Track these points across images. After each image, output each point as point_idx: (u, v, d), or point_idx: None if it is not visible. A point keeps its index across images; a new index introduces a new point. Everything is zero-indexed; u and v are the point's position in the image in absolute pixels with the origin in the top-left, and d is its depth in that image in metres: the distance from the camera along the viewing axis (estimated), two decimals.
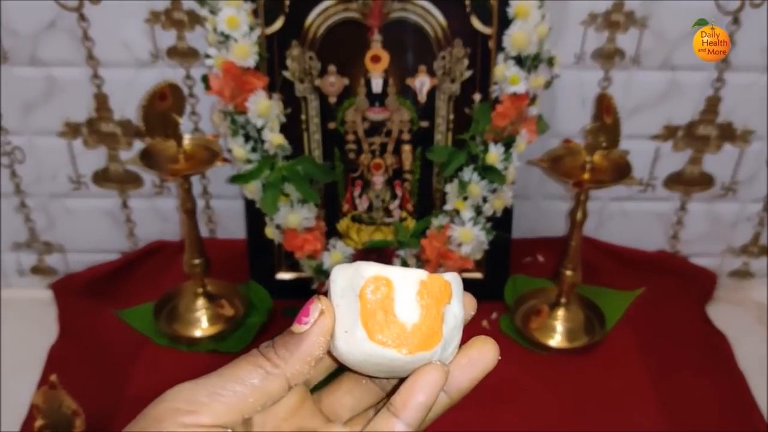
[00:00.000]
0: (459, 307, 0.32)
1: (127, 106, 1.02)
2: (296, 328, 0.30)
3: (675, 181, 1.09)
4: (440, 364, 0.31)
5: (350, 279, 0.31)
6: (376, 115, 0.95)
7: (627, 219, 1.13)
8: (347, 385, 0.34)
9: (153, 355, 0.97)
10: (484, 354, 0.32)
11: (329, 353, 0.32)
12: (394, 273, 0.31)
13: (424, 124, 0.95)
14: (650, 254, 1.14)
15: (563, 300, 0.99)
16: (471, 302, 0.33)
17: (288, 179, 0.92)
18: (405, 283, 0.31)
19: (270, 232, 0.99)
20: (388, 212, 1.02)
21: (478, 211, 0.94)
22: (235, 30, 0.84)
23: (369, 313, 0.30)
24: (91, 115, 1.02)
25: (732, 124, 1.03)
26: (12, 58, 0.97)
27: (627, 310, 1.02)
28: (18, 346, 1.04)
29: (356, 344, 0.30)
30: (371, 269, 0.31)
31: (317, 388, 0.34)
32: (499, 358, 0.34)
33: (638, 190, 1.10)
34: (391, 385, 0.34)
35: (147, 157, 0.91)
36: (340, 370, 0.34)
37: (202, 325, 1.00)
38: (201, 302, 1.01)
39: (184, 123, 0.97)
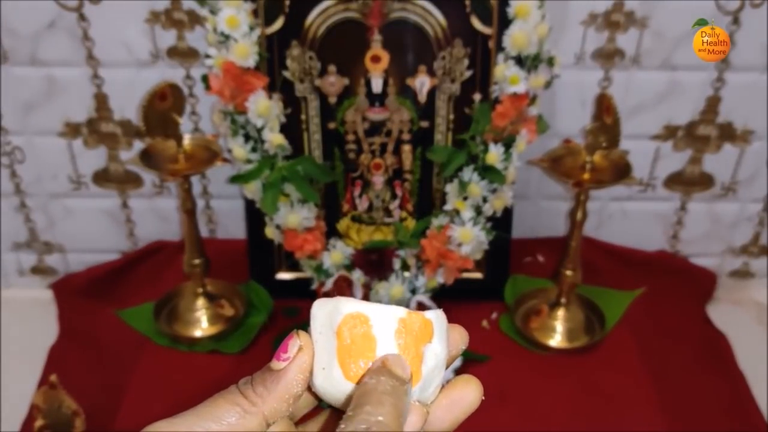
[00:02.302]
0: (441, 346, 0.31)
1: (127, 106, 1.02)
2: (275, 364, 0.30)
3: (675, 181, 1.09)
4: (419, 405, 0.30)
5: (329, 315, 0.31)
6: (376, 115, 0.95)
7: (627, 219, 1.13)
8: (334, 417, 0.32)
9: (153, 355, 0.97)
10: (467, 395, 0.31)
11: (308, 389, 0.31)
12: (372, 310, 0.30)
13: (424, 124, 0.95)
14: (650, 254, 1.14)
15: (563, 300, 0.99)
16: (462, 336, 0.32)
17: (288, 179, 0.92)
18: (383, 321, 0.30)
19: (270, 232, 0.99)
20: (388, 212, 1.02)
21: (478, 211, 0.94)
22: (235, 30, 0.84)
23: (346, 350, 0.29)
24: (91, 115, 1.02)
25: (732, 124, 1.03)
26: (12, 58, 0.97)
27: (627, 310, 1.02)
28: (18, 346, 1.04)
29: (333, 382, 0.30)
30: (349, 305, 0.30)
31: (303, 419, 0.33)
32: (483, 398, 0.32)
33: (638, 190, 1.10)
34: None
35: (147, 157, 0.91)
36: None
37: (202, 325, 1.00)
38: (201, 302, 1.01)
39: (184, 123, 0.97)
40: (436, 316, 0.31)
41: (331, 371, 0.30)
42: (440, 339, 0.31)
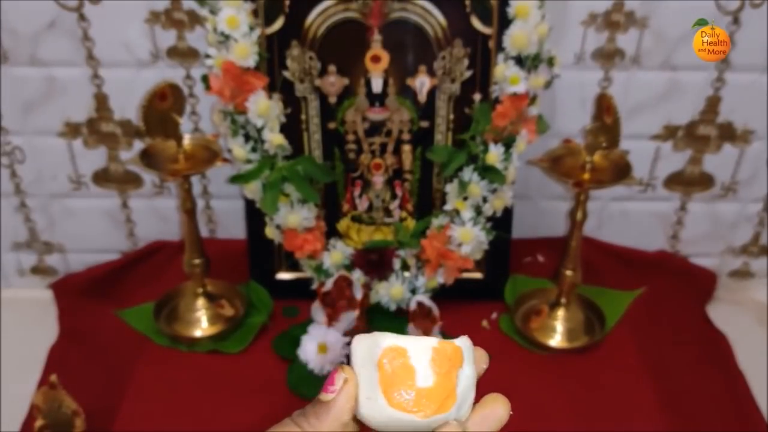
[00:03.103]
0: (470, 368, 0.35)
1: (127, 106, 1.02)
2: (324, 396, 0.33)
3: (675, 181, 1.09)
4: (456, 423, 0.33)
5: (369, 349, 0.34)
6: (376, 115, 0.95)
7: (627, 219, 1.13)
8: None
9: (153, 355, 0.97)
10: (496, 410, 0.35)
11: (354, 418, 0.34)
12: (408, 342, 0.34)
13: (424, 124, 0.95)
14: (650, 254, 1.14)
15: (563, 300, 0.99)
16: (482, 357, 0.36)
17: (288, 179, 0.92)
18: (419, 351, 0.33)
19: (270, 232, 0.99)
20: (388, 212, 1.02)
21: (478, 211, 0.94)
22: (235, 30, 0.84)
23: (388, 380, 0.33)
24: (91, 115, 1.02)
25: (732, 124, 1.03)
26: (12, 58, 0.97)
27: (627, 310, 1.02)
28: (18, 346, 1.04)
29: (379, 410, 0.33)
30: (387, 340, 0.33)
31: None
32: (512, 413, 0.36)
33: (638, 190, 1.10)
34: None
35: (147, 157, 0.91)
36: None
37: (202, 325, 1.00)
38: (201, 302, 1.01)
39: (184, 123, 0.97)
40: (463, 342, 0.35)
41: (376, 400, 0.33)
42: (469, 362, 0.35)
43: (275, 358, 0.96)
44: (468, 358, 0.35)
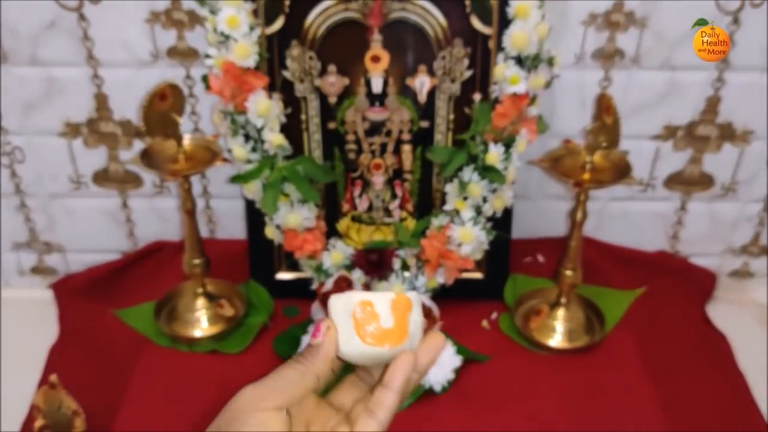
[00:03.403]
0: (418, 314, 0.45)
1: (127, 106, 1.02)
2: (313, 341, 0.44)
3: (675, 181, 1.09)
4: (410, 351, 0.44)
5: (344, 304, 0.44)
6: (376, 115, 0.95)
7: (627, 219, 1.13)
8: (346, 386, 0.47)
9: (153, 355, 0.97)
10: (436, 341, 0.46)
11: (337, 356, 0.45)
12: (372, 296, 0.44)
13: (424, 124, 0.95)
14: (650, 254, 1.14)
15: (563, 300, 0.99)
16: (437, 341, 0.46)
17: (288, 179, 0.92)
18: (381, 302, 0.44)
19: (270, 232, 0.99)
20: (388, 212, 1.02)
21: (478, 211, 0.94)
22: (235, 30, 0.84)
23: (360, 325, 0.44)
24: (91, 115, 1.03)
25: (732, 124, 1.03)
26: (12, 58, 0.97)
27: (627, 310, 1.02)
28: (18, 346, 1.04)
29: (354, 347, 0.44)
30: (357, 296, 0.44)
31: (327, 391, 0.47)
32: (446, 340, 0.47)
33: (638, 190, 1.10)
34: (375, 381, 0.47)
35: (147, 157, 0.91)
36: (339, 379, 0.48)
37: (202, 325, 1.00)
38: (201, 302, 1.01)
39: (184, 123, 0.97)
40: (413, 295, 0.46)
41: (352, 340, 0.44)
42: (417, 309, 0.45)
43: (275, 358, 0.96)
44: (416, 306, 0.45)
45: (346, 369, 0.47)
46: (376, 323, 0.44)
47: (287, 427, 0.41)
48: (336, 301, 0.45)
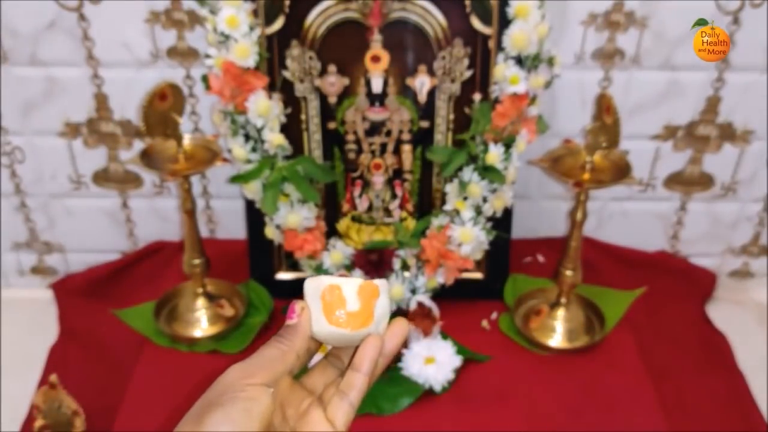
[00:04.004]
0: (385, 299, 0.47)
1: (127, 106, 1.02)
2: (290, 322, 0.47)
3: (675, 181, 1.09)
4: (377, 335, 0.46)
5: (315, 288, 0.47)
6: (376, 115, 0.95)
7: (627, 219, 1.13)
8: (317, 370, 0.50)
9: (153, 355, 0.97)
10: (400, 327, 0.48)
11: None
12: (341, 281, 0.47)
13: (424, 124, 0.95)
14: (650, 254, 1.14)
15: (563, 300, 0.99)
16: (401, 327, 0.48)
17: (288, 179, 0.92)
18: (349, 287, 0.46)
19: (270, 232, 0.99)
20: (388, 212, 1.02)
21: (478, 211, 0.94)
22: (235, 30, 0.84)
23: (327, 307, 0.46)
24: (91, 115, 1.03)
25: (732, 124, 1.03)
26: (12, 58, 0.97)
27: (627, 310, 1.02)
28: (18, 346, 1.04)
29: (322, 327, 0.46)
30: (327, 280, 0.46)
31: (299, 375, 0.49)
32: (409, 326, 0.51)
33: (638, 190, 1.10)
34: (345, 366, 0.49)
35: (147, 157, 0.91)
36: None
37: (202, 325, 1.00)
38: (201, 302, 1.01)
39: (184, 123, 0.97)
40: (382, 282, 0.47)
41: (320, 320, 0.46)
42: (384, 296, 0.47)
43: None
44: (384, 292, 0.47)
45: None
46: (343, 306, 0.46)
47: (273, 402, 0.43)
48: (309, 284, 0.47)
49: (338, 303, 0.46)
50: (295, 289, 1.08)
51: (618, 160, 0.92)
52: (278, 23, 0.89)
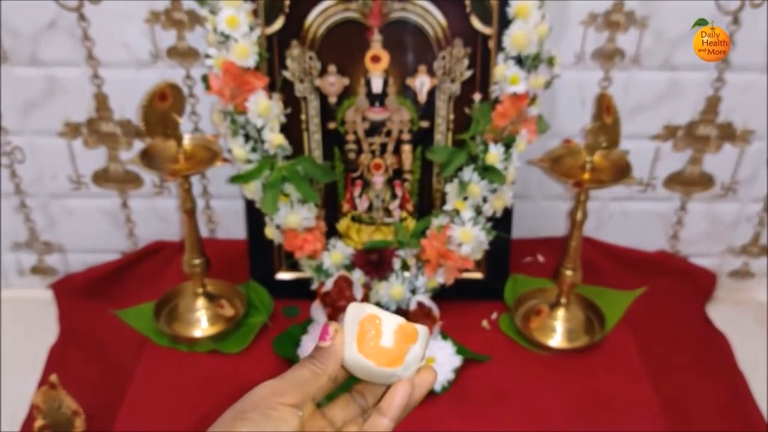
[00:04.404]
0: (421, 348, 0.46)
1: (127, 106, 1.02)
2: (322, 344, 0.46)
3: (675, 181, 1.09)
4: (409, 380, 0.46)
5: (357, 312, 0.47)
6: (376, 115, 0.95)
7: (627, 219, 1.13)
8: (340, 403, 0.49)
9: (153, 355, 0.97)
10: (429, 377, 0.47)
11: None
12: (383, 314, 0.46)
13: (424, 124, 0.95)
14: (650, 254, 1.14)
15: (563, 300, 0.99)
16: (429, 376, 0.47)
17: (288, 179, 0.92)
18: (389, 322, 0.46)
19: (270, 232, 0.99)
20: (388, 212, 1.02)
21: (478, 211, 0.94)
22: (235, 30, 0.84)
23: (361, 335, 0.46)
24: (91, 115, 1.03)
25: (732, 124, 1.03)
26: (12, 58, 0.97)
27: (627, 310, 1.02)
28: (18, 346, 1.04)
29: (351, 353, 0.46)
30: (370, 309, 0.47)
31: (321, 404, 0.48)
32: (437, 378, 0.51)
33: (638, 190, 1.10)
34: (369, 405, 0.49)
35: (147, 157, 0.91)
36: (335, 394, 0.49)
37: (202, 325, 1.00)
38: (201, 302, 1.01)
39: (184, 123, 0.97)
40: (423, 330, 0.47)
41: (351, 345, 0.46)
42: (421, 344, 0.46)
43: (275, 358, 0.96)
44: (422, 341, 0.46)
45: (341, 387, 0.49)
46: (377, 339, 0.46)
47: (300, 425, 0.43)
48: (352, 308, 0.47)
49: (373, 334, 0.46)
50: (296, 289, 1.09)
51: (618, 160, 0.92)
52: (278, 23, 0.89)
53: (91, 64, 0.98)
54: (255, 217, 0.99)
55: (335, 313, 0.95)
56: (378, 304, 1.00)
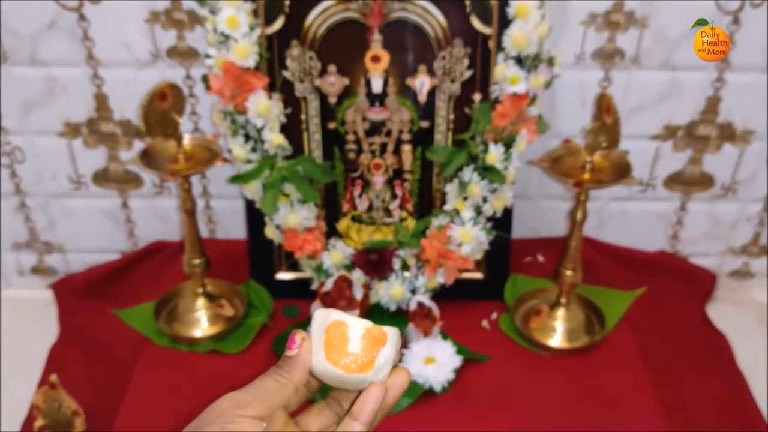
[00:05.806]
0: (391, 350, 0.45)
1: (127, 106, 1.02)
2: (289, 353, 0.45)
3: (675, 181, 1.09)
4: (381, 383, 0.44)
5: (322, 319, 0.45)
6: (376, 115, 0.95)
7: (627, 219, 1.13)
8: (314, 411, 0.48)
9: (153, 355, 0.97)
10: (401, 379, 0.45)
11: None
12: (349, 319, 0.45)
13: (424, 124, 0.95)
14: (650, 254, 1.14)
15: (563, 300, 0.99)
16: (403, 378, 0.46)
17: (288, 179, 0.92)
18: (355, 327, 0.45)
19: (270, 232, 0.99)
20: (388, 212, 1.02)
21: (478, 211, 0.94)
22: (235, 30, 0.84)
23: (328, 342, 0.44)
24: (91, 115, 1.03)
25: (732, 124, 1.03)
26: (12, 58, 0.97)
27: (627, 310, 1.02)
28: (18, 346, 1.04)
29: (319, 361, 0.44)
30: (335, 315, 0.45)
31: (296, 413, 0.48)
32: (412, 379, 0.50)
33: (638, 190, 1.10)
34: (344, 412, 0.47)
35: (147, 157, 0.91)
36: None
37: (202, 325, 1.00)
38: (201, 302, 1.01)
39: (184, 123, 0.97)
40: (391, 330, 0.45)
41: (319, 354, 0.44)
42: (392, 346, 0.45)
43: (275, 358, 0.96)
44: (392, 342, 0.45)
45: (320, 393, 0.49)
46: (344, 346, 0.44)
47: None
48: (318, 315, 0.46)
49: (340, 341, 0.44)
50: (296, 289, 1.08)
51: (618, 160, 0.92)
52: (278, 23, 0.89)
53: (91, 64, 0.98)
54: (255, 217, 0.99)
55: None
56: (378, 304, 1.00)
